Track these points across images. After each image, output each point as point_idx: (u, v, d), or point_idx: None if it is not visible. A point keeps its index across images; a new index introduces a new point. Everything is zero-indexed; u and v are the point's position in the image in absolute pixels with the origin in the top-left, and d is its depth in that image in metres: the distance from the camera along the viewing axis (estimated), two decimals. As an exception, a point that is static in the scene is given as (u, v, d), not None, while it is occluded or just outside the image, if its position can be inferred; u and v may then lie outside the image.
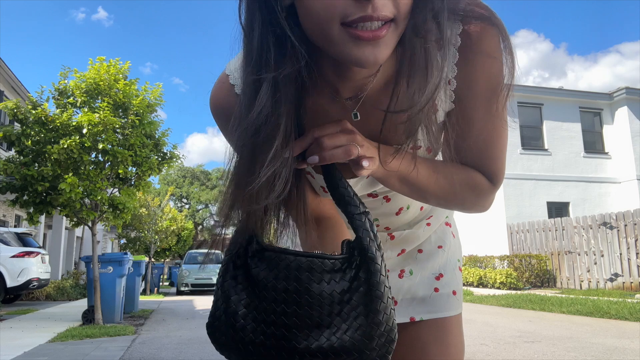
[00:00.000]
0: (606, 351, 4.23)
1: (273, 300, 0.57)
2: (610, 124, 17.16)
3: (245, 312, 0.59)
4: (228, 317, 0.59)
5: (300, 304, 0.56)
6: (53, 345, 5.17)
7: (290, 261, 0.58)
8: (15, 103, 6.60)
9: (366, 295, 0.56)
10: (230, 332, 0.59)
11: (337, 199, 0.64)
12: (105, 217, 7.45)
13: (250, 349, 0.57)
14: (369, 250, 0.58)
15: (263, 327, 0.57)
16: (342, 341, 0.55)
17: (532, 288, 11.53)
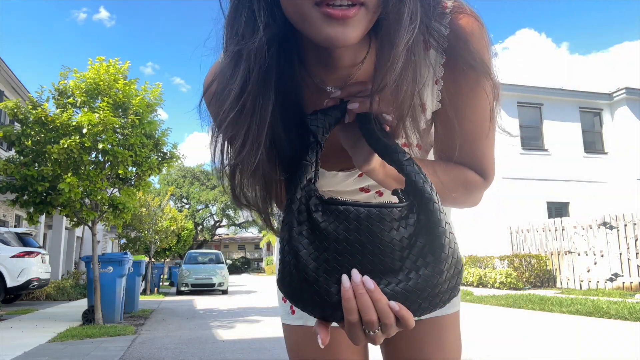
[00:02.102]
0: (606, 351, 4.23)
1: (347, 252, 0.59)
2: (610, 124, 17.17)
3: (316, 265, 0.59)
4: (299, 272, 0.60)
5: (373, 252, 0.58)
6: (53, 345, 5.17)
7: (360, 212, 0.59)
8: (15, 103, 6.60)
9: (429, 234, 0.58)
10: (304, 286, 0.60)
11: (381, 150, 0.65)
12: (105, 217, 7.45)
13: (326, 299, 0.59)
14: (425, 191, 0.60)
15: (336, 277, 0.58)
16: (415, 281, 0.58)
17: (532, 288, 11.53)
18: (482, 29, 0.69)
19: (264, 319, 7.50)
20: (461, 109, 0.73)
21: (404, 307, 0.57)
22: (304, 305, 0.61)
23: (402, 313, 0.57)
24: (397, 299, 0.57)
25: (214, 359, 4.44)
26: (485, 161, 0.78)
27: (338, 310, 0.59)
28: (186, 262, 16.59)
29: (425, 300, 0.59)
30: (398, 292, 0.58)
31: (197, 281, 15.33)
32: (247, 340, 5.52)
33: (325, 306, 0.59)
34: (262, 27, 0.62)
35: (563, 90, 17.19)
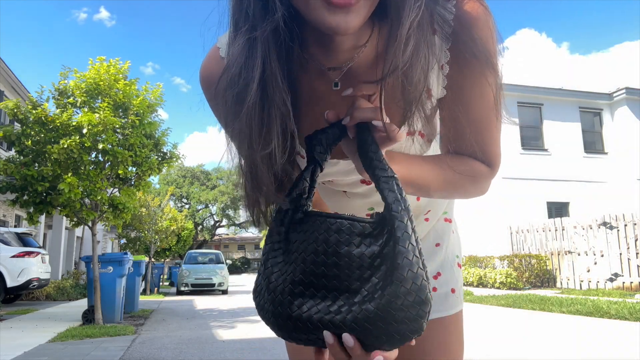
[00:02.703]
0: (606, 351, 4.23)
1: (302, 261, 0.58)
2: (610, 124, 17.17)
3: (279, 274, 0.61)
4: (264, 279, 0.62)
5: (328, 265, 0.57)
6: (53, 345, 5.17)
7: (320, 223, 0.59)
8: (15, 103, 6.60)
9: (392, 260, 0.54)
10: (265, 295, 0.61)
11: (366, 163, 0.63)
12: (105, 217, 7.45)
13: (281, 311, 0.59)
14: (393, 209, 0.56)
15: (290, 287, 0.58)
16: (370, 308, 0.53)
17: (532, 288, 11.53)
18: (487, 15, 0.68)
19: (264, 319, 7.49)
20: (466, 96, 0.72)
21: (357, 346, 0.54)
22: (267, 321, 0.62)
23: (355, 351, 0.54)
24: (350, 325, 0.53)
25: (214, 359, 4.44)
26: (491, 150, 0.77)
27: (301, 334, 0.57)
28: (186, 262, 16.59)
29: (381, 332, 0.53)
30: (351, 317, 0.53)
31: (197, 281, 15.33)
32: (247, 340, 5.52)
33: (280, 324, 0.59)
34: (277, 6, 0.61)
35: (563, 90, 17.19)
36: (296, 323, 0.57)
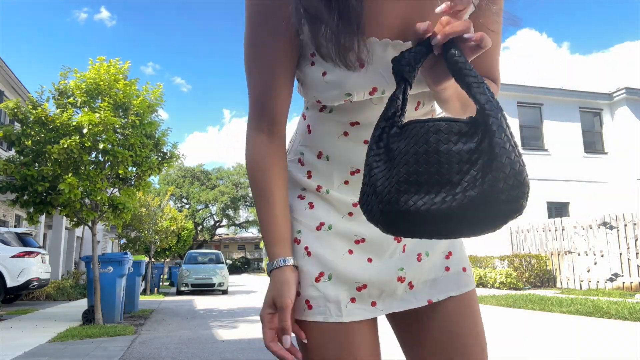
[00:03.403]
0: (606, 351, 4.23)
1: (405, 163, 0.65)
2: (610, 124, 17.17)
3: (384, 179, 0.67)
4: (370, 186, 0.68)
5: (430, 162, 0.63)
6: (53, 345, 5.18)
7: (419, 127, 0.65)
8: (15, 103, 6.60)
9: (490, 153, 0.60)
10: (372, 198, 0.67)
11: (455, 72, 0.68)
12: (105, 217, 7.45)
13: (389, 209, 0.65)
14: (487, 108, 0.63)
15: (396, 187, 0.65)
16: (472, 195, 0.60)
17: (532, 288, 11.53)
18: None
19: (264, 319, 7.49)
20: (495, 17, 0.80)
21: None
22: (376, 222, 0.68)
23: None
24: (456, 211, 0.60)
25: (214, 359, 4.44)
26: (497, 69, 0.86)
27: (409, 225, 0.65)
28: (186, 262, 16.59)
29: (486, 214, 0.60)
30: (457, 204, 0.60)
31: (197, 281, 15.33)
32: (247, 340, 5.52)
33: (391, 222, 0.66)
34: None
35: (563, 90, 17.19)
36: (405, 217, 0.64)
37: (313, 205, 0.88)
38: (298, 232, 0.86)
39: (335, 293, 0.84)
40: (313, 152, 0.90)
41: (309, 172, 0.90)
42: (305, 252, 0.85)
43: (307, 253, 0.84)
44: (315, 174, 0.90)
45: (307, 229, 0.86)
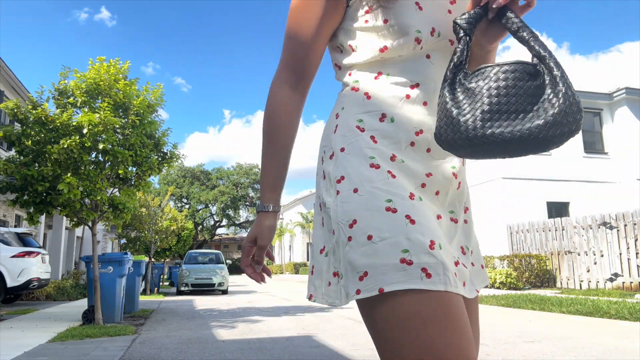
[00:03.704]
0: (606, 351, 4.23)
1: (487, 96, 0.80)
2: (610, 124, 17.17)
3: (467, 110, 0.80)
4: (452, 119, 0.81)
5: (509, 95, 0.79)
6: (53, 345, 5.18)
7: (497, 69, 0.81)
8: (15, 103, 6.60)
9: (553, 82, 0.78)
10: (458, 127, 0.80)
11: (514, 31, 0.84)
12: (105, 217, 7.45)
13: (475, 134, 0.79)
14: (547, 55, 0.80)
15: (480, 116, 0.79)
16: (544, 119, 0.76)
17: (532, 288, 11.53)
18: None
19: (264, 319, 7.50)
20: None
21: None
22: (458, 150, 0.82)
23: None
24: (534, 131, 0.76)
25: (214, 359, 4.44)
26: None
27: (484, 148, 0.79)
28: (186, 262, 16.59)
29: (556, 132, 0.76)
30: (535, 126, 0.76)
31: (197, 281, 15.33)
32: (247, 340, 5.52)
33: (475, 148, 0.80)
34: None
35: (563, 90, 17.16)
36: (489, 139, 0.78)
37: (395, 175, 0.85)
38: (388, 201, 0.81)
39: (450, 262, 0.81)
40: (374, 116, 0.89)
41: (372, 136, 0.88)
42: (408, 220, 0.80)
43: (411, 221, 0.80)
44: (380, 137, 0.88)
45: (399, 198, 0.82)
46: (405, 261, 0.76)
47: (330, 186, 0.88)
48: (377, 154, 0.86)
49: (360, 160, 0.86)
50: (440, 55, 0.92)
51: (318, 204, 0.93)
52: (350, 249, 0.80)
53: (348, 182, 0.85)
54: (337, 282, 0.84)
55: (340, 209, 0.84)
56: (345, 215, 0.83)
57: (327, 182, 0.89)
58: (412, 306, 0.75)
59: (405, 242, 0.77)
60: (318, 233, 0.91)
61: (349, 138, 0.89)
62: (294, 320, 7.20)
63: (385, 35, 0.88)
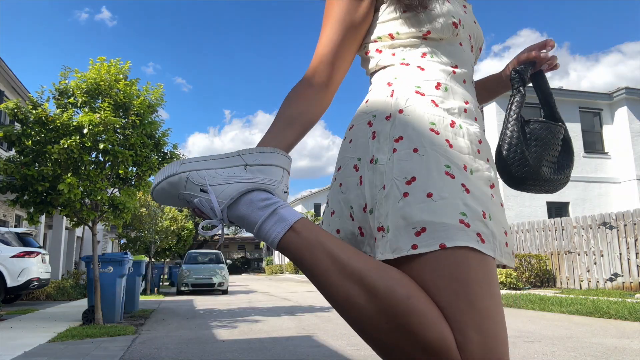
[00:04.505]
0: (606, 351, 4.23)
1: (543, 144, 1.05)
2: (610, 124, 17.17)
3: (533, 157, 1.03)
4: (520, 162, 1.01)
5: (550, 147, 1.06)
6: (53, 345, 5.18)
7: (548, 125, 1.07)
8: (15, 103, 6.60)
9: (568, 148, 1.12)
10: (522, 169, 1.01)
11: (544, 94, 1.14)
12: (105, 217, 7.45)
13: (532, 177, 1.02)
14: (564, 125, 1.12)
15: (537, 160, 1.03)
16: (563, 174, 1.08)
17: (532, 288, 11.54)
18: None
19: (264, 319, 7.51)
20: None
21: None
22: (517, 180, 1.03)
23: None
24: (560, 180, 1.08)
25: (214, 359, 4.44)
26: None
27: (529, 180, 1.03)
28: (186, 262, 16.59)
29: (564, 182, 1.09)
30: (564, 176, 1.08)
31: (197, 281, 15.33)
32: (247, 340, 5.52)
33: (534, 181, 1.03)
34: None
35: (563, 90, 17.18)
36: (543, 179, 1.04)
37: (452, 145, 0.87)
38: (447, 166, 0.84)
39: (499, 233, 0.84)
40: (431, 84, 0.93)
41: (432, 100, 0.91)
42: (464, 188, 0.83)
43: (466, 190, 0.83)
44: (440, 102, 0.91)
45: (455, 167, 0.85)
46: (463, 222, 0.79)
47: (385, 144, 0.89)
48: (438, 120, 0.89)
49: (420, 122, 0.88)
50: (466, 45, 1.02)
51: (352, 165, 0.93)
52: (406, 204, 0.82)
53: (408, 141, 0.86)
54: (381, 236, 0.84)
55: (398, 165, 0.85)
56: (403, 172, 0.84)
57: (379, 141, 0.90)
58: (468, 264, 0.78)
59: (463, 206, 0.81)
60: (356, 192, 0.92)
61: (409, 101, 0.91)
62: (294, 320, 7.20)
63: (424, 20, 0.96)
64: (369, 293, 0.74)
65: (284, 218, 0.80)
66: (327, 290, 0.78)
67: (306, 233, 0.79)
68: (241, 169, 0.85)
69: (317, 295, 12.85)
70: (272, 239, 0.80)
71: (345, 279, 0.75)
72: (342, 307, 0.77)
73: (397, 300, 0.73)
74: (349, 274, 0.75)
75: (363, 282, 0.75)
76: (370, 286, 0.74)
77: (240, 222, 0.84)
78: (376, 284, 0.74)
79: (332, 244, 0.79)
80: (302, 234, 0.79)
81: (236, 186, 0.83)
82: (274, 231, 0.80)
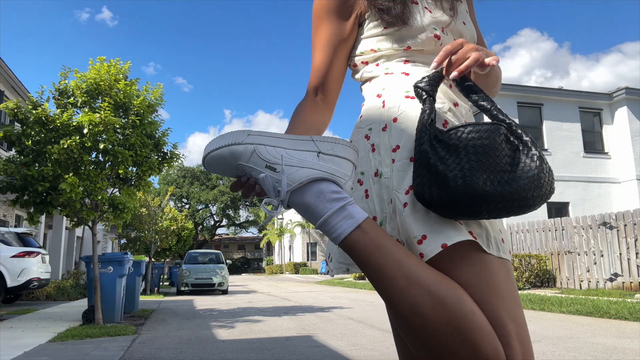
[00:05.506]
0: (606, 351, 4.23)
1: (473, 153, 0.79)
2: (610, 124, 17.17)
3: (456, 172, 0.78)
4: (437, 175, 0.79)
5: (488, 154, 0.79)
6: (53, 345, 5.18)
7: (475, 127, 0.82)
8: (15, 103, 6.60)
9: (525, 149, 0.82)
10: (443, 190, 0.78)
11: (467, 95, 0.90)
12: (105, 217, 7.45)
13: (464, 196, 0.77)
14: (512, 124, 0.85)
15: (469, 172, 0.78)
16: (523, 182, 0.79)
17: (532, 288, 11.53)
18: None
19: (264, 319, 7.51)
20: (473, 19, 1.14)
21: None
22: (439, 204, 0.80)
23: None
24: (511, 192, 0.78)
25: (214, 359, 4.44)
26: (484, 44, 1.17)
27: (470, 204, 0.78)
28: (186, 262, 16.59)
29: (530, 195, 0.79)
30: (515, 186, 0.78)
31: (197, 281, 15.33)
32: (247, 340, 5.52)
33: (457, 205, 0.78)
34: None
35: (563, 90, 17.19)
36: (479, 194, 0.77)
37: None
38: None
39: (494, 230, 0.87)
40: None
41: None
42: None
43: None
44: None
45: None
46: (458, 221, 0.82)
47: (386, 156, 0.91)
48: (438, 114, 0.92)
49: (414, 127, 0.90)
50: None
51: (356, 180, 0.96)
52: (407, 215, 0.83)
53: (404, 150, 0.89)
54: None
55: (397, 177, 0.87)
56: (401, 183, 0.86)
57: (379, 154, 0.93)
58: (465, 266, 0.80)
59: None
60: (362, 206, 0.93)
61: (402, 107, 0.93)
62: (294, 320, 7.20)
63: (406, 36, 0.99)
64: (437, 303, 0.74)
65: (352, 215, 0.78)
66: (391, 295, 0.76)
67: (373, 233, 0.78)
68: (314, 155, 0.82)
69: (317, 295, 12.85)
70: (338, 235, 0.78)
71: (412, 286, 0.74)
72: (404, 313, 0.76)
73: (464, 313, 0.74)
74: (416, 281, 0.75)
75: (431, 291, 0.74)
76: (438, 296, 0.74)
77: (303, 210, 0.81)
78: (445, 296, 0.74)
79: (398, 248, 0.78)
80: (369, 234, 0.77)
81: (307, 171, 0.80)
82: (340, 227, 0.77)
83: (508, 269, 0.85)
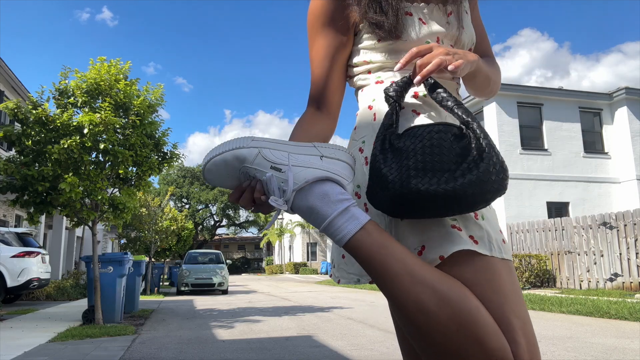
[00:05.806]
0: (606, 351, 4.23)
1: (414, 154, 0.80)
2: (610, 124, 17.16)
3: (396, 169, 0.81)
4: (380, 179, 0.82)
5: (434, 154, 0.79)
6: (53, 345, 5.18)
7: (423, 129, 0.83)
8: (15, 103, 6.60)
9: (477, 145, 0.80)
10: (386, 186, 0.80)
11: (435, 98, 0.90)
12: (105, 217, 7.45)
13: (403, 191, 0.79)
14: (470, 119, 0.83)
15: (407, 173, 0.79)
16: (465, 180, 0.77)
17: (532, 288, 11.53)
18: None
19: (264, 319, 7.51)
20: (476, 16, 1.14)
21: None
22: (386, 208, 0.83)
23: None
24: (458, 190, 0.77)
25: (214, 359, 4.44)
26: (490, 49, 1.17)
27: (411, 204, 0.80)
28: (186, 262, 16.59)
29: (479, 192, 0.78)
30: (459, 184, 0.77)
31: (197, 281, 15.33)
32: (247, 340, 5.53)
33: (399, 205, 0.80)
34: None
35: (563, 90, 17.18)
36: (415, 194, 0.78)
37: None
38: None
39: (494, 231, 0.88)
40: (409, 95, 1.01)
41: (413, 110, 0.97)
42: None
43: None
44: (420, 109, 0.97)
45: None
46: (455, 227, 0.83)
47: None
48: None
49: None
50: None
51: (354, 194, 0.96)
52: (404, 226, 0.86)
53: None
54: None
55: None
56: None
57: None
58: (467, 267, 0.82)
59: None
60: None
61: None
62: (294, 320, 7.20)
63: (400, 49, 0.99)
64: (441, 300, 0.75)
65: (357, 216, 0.80)
66: (396, 294, 0.77)
67: (377, 234, 0.79)
68: (317, 158, 0.84)
69: (317, 295, 12.85)
70: (342, 236, 0.79)
71: (416, 284, 0.76)
72: (409, 311, 0.77)
73: (469, 309, 0.75)
74: (420, 279, 0.76)
75: (435, 288, 0.76)
76: (442, 294, 0.75)
77: (307, 212, 0.82)
78: (448, 292, 0.76)
79: (401, 248, 0.79)
80: (373, 235, 0.79)
81: (313, 171, 0.82)
82: (345, 228, 0.79)
83: (510, 268, 0.86)
